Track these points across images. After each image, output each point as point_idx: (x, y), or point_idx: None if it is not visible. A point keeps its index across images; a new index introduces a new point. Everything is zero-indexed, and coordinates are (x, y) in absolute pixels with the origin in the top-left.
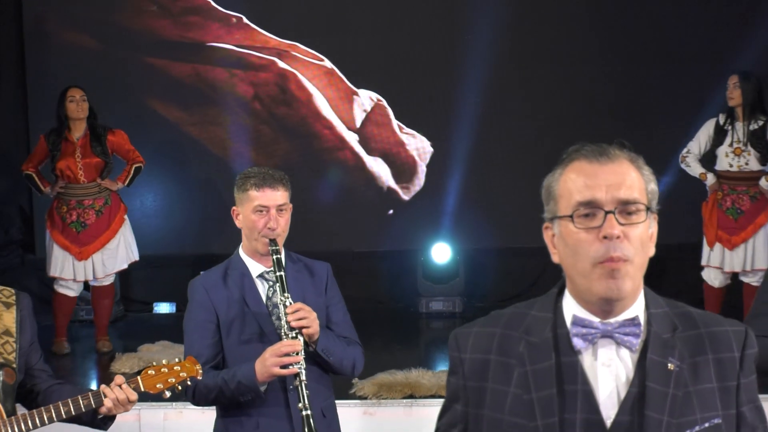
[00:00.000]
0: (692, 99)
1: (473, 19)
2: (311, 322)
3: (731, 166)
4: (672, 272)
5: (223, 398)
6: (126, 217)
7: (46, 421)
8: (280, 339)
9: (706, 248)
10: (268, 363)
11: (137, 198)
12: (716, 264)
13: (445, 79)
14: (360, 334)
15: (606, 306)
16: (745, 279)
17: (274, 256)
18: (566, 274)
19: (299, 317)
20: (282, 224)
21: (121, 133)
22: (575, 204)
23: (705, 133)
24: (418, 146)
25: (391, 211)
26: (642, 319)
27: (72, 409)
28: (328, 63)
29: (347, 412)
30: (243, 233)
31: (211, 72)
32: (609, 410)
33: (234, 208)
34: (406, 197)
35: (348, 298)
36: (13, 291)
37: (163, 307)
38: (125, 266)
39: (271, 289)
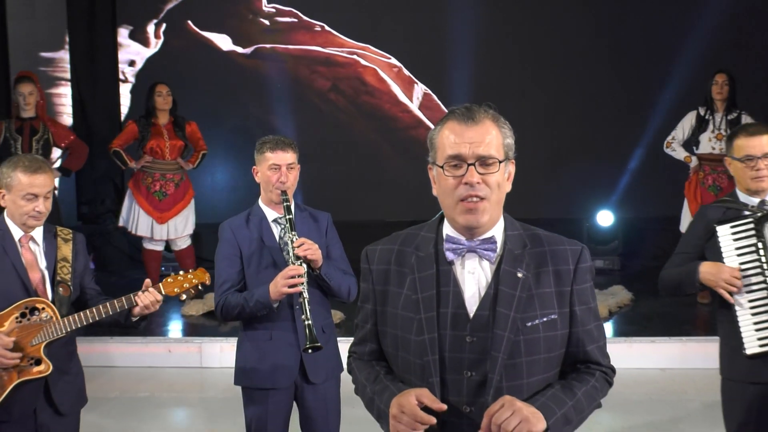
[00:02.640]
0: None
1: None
2: (314, 250)
3: (713, 149)
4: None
5: (244, 314)
6: (192, 193)
7: (91, 319)
8: None
9: (686, 219)
10: (278, 284)
11: (209, 176)
12: None
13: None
14: None
15: (468, 231)
16: None
17: (285, 204)
18: (441, 205)
19: (304, 248)
20: (291, 179)
21: (194, 124)
22: (446, 157)
23: (688, 123)
24: None
25: None
26: (500, 239)
27: (113, 308)
28: (394, 60)
29: None
30: (261, 187)
31: (294, 70)
32: (472, 306)
33: (254, 167)
34: None
35: None
36: (70, 231)
37: None
38: (191, 232)
39: (282, 229)
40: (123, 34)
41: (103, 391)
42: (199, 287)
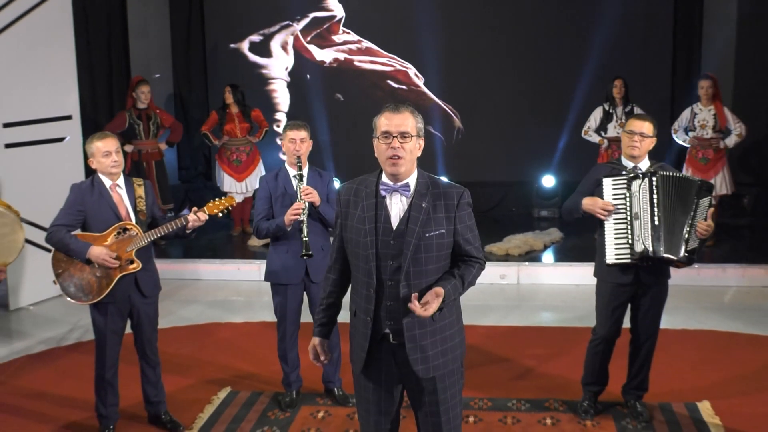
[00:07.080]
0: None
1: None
2: (314, 195)
3: (618, 133)
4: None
5: (269, 233)
6: (259, 158)
7: (162, 233)
8: None
9: None
10: (288, 215)
11: (272, 151)
12: None
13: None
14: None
15: (393, 178)
16: None
17: (298, 164)
18: (379, 162)
19: (307, 192)
20: (303, 149)
21: (258, 110)
22: (381, 132)
23: (597, 115)
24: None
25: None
26: (413, 184)
27: (174, 225)
28: (411, 65)
29: None
30: (286, 153)
31: (343, 73)
32: (395, 223)
33: (282, 141)
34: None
35: None
36: (141, 179)
37: None
38: (257, 187)
39: (298, 182)
40: (275, 47)
41: (192, 296)
42: (230, 208)
